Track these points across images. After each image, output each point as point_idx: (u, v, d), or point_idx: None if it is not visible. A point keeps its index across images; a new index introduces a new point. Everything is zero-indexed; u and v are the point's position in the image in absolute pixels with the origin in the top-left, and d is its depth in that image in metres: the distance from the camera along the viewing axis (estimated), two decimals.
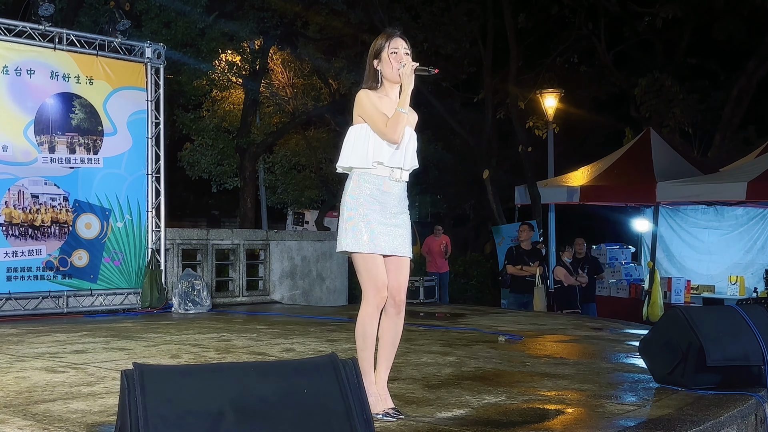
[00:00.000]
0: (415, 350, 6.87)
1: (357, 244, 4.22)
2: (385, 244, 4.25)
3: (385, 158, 4.28)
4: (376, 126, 4.26)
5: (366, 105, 4.30)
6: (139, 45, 11.21)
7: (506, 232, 15.81)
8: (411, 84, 4.29)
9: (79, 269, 10.40)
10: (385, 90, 4.41)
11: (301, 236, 13.84)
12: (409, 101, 4.28)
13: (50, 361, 6.21)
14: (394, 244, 4.29)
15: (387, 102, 4.37)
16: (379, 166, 4.28)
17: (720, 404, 4.68)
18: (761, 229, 15.19)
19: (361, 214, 4.24)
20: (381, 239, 4.24)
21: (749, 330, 5.16)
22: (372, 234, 4.22)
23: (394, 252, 4.29)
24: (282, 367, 2.94)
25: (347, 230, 4.25)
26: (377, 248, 4.23)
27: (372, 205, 4.26)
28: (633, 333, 8.51)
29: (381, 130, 4.25)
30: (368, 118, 4.29)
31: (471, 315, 10.54)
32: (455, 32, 18.46)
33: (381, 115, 4.27)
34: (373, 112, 4.28)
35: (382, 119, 4.25)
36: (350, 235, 4.24)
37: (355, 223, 4.24)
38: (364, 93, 4.33)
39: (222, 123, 19.71)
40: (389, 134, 4.24)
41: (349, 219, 4.26)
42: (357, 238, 4.22)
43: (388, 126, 4.23)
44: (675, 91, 18.33)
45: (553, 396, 4.97)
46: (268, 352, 6.91)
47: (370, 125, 4.29)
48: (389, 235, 4.27)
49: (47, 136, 10.23)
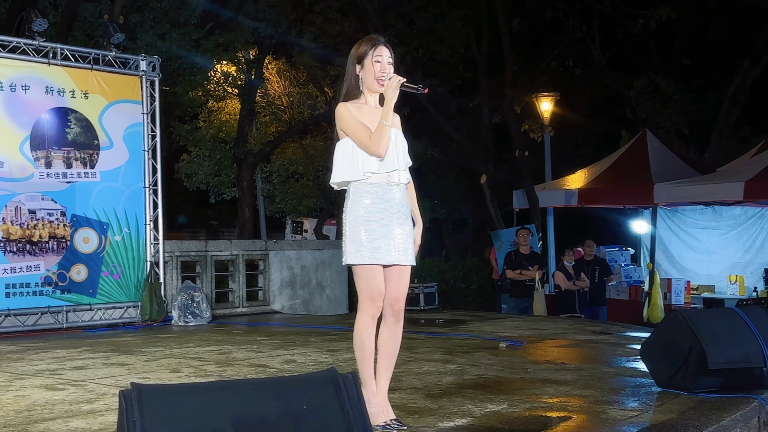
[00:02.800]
0: (416, 359, 6.86)
1: (357, 256, 4.21)
2: (386, 253, 4.23)
3: (376, 166, 4.26)
4: (359, 140, 4.24)
5: (347, 119, 4.28)
6: (133, 58, 11.20)
7: (505, 237, 15.78)
8: (395, 97, 4.27)
9: (78, 284, 10.37)
10: (364, 97, 4.39)
11: (300, 245, 13.82)
12: (392, 113, 4.27)
13: (50, 379, 6.19)
14: (396, 253, 4.26)
15: (367, 110, 4.35)
16: (372, 175, 4.26)
17: (722, 407, 4.67)
18: (760, 228, 15.19)
19: (363, 225, 4.22)
20: (382, 249, 4.22)
21: (750, 332, 5.16)
22: (373, 245, 4.20)
23: (395, 261, 4.28)
24: (281, 383, 2.92)
25: (349, 243, 4.24)
26: (377, 259, 4.21)
27: (373, 215, 4.23)
28: (634, 336, 8.50)
29: (364, 143, 4.23)
30: (350, 132, 4.27)
31: (471, 321, 10.53)
32: (450, 38, 18.48)
33: (363, 128, 4.25)
34: (355, 126, 4.26)
35: (365, 133, 4.23)
36: (352, 247, 4.22)
37: (357, 234, 4.22)
38: (343, 107, 4.32)
39: (219, 133, 19.71)
40: (373, 148, 4.22)
41: (351, 230, 4.24)
42: (358, 249, 4.21)
43: (372, 140, 4.21)
44: (670, 92, 18.36)
45: (556, 403, 4.95)
46: (269, 363, 6.89)
47: (353, 139, 4.27)
48: (391, 243, 4.25)
49: (43, 152, 10.21)
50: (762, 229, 15.23)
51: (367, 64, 4.34)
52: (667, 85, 18.31)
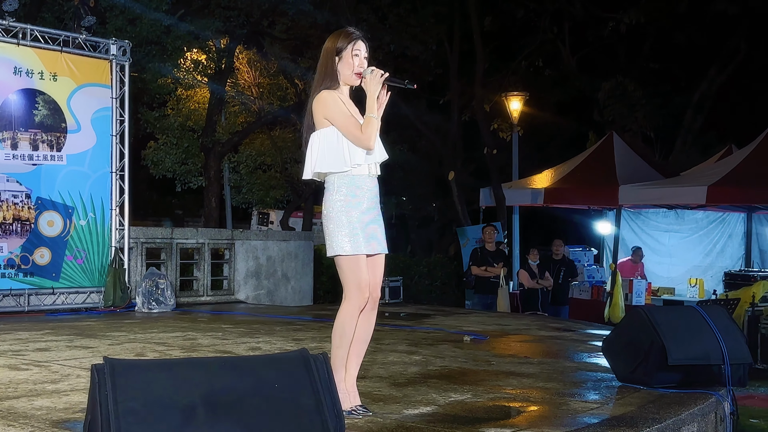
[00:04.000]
0: (382, 349, 6.90)
1: (344, 247, 4.21)
2: (369, 244, 4.27)
3: (363, 158, 4.28)
4: (350, 131, 4.23)
5: (334, 109, 4.26)
6: (104, 42, 11.11)
7: (471, 234, 15.89)
8: (377, 91, 4.29)
9: (41, 267, 10.28)
10: (340, 90, 4.40)
11: (266, 236, 13.80)
12: (376, 106, 4.29)
13: (13, 359, 6.14)
14: (374, 242, 4.30)
15: (346, 102, 4.37)
16: (357, 166, 4.28)
17: (681, 402, 4.76)
18: (720, 232, 15.44)
19: (346, 216, 4.23)
20: (363, 239, 4.25)
21: (710, 330, 5.26)
22: (355, 236, 4.23)
23: (377, 251, 4.32)
24: (253, 361, 2.95)
25: (335, 234, 4.23)
26: (361, 249, 4.24)
27: (355, 206, 4.25)
28: (596, 333, 8.61)
29: (356, 136, 4.22)
30: (340, 123, 4.24)
31: (436, 315, 10.60)
32: (422, 34, 18.52)
33: (353, 119, 4.26)
34: (345, 117, 4.25)
35: (356, 125, 4.24)
36: (339, 238, 4.22)
37: (341, 225, 4.23)
38: (329, 95, 4.28)
39: (187, 122, 19.54)
40: (365, 141, 4.23)
41: (336, 222, 4.24)
42: (344, 240, 4.21)
43: (365, 133, 4.21)
44: (638, 96, 18.59)
45: (518, 394, 5.02)
46: (234, 350, 6.89)
47: (341, 130, 4.25)
48: (369, 233, 4.28)
49: (9, 133, 10.10)
50: (723, 233, 15.48)
51: (345, 58, 4.34)
52: (634, 89, 18.54)
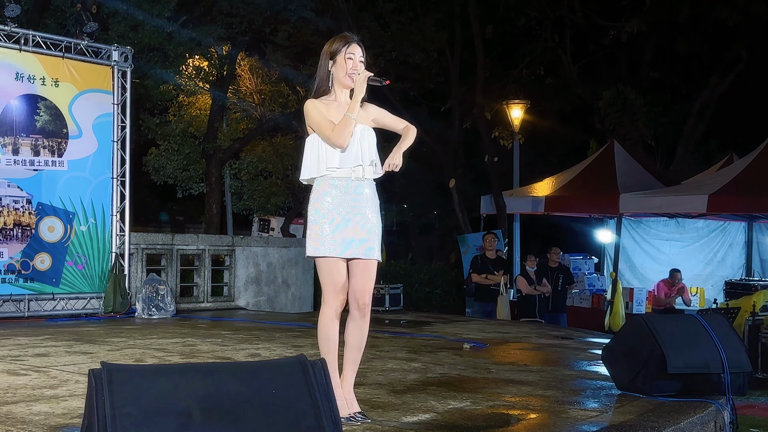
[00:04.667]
0: (381, 356, 6.89)
1: (319, 248, 4.26)
2: (348, 247, 4.27)
3: (337, 162, 4.31)
4: (322, 132, 4.30)
5: (312, 114, 4.33)
6: (105, 48, 11.13)
7: (471, 241, 15.88)
8: (362, 92, 4.34)
9: (42, 273, 10.28)
10: (335, 94, 4.43)
11: (267, 242, 13.79)
12: (358, 107, 4.32)
13: (12, 364, 6.14)
14: (360, 247, 4.30)
15: (336, 107, 4.39)
16: (336, 170, 4.30)
17: (680, 411, 4.75)
18: (721, 241, 15.43)
19: (326, 219, 4.26)
20: (344, 243, 4.26)
21: (709, 338, 5.25)
22: (334, 238, 4.25)
23: (357, 255, 4.31)
24: (250, 367, 2.95)
25: (311, 236, 4.30)
26: (338, 252, 4.25)
27: (336, 209, 4.27)
28: (595, 341, 8.60)
29: (327, 135, 4.28)
30: (315, 126, 4.33)
31: (436, 323, 10.58)
32: (423, 42, 18.56)
33: (327, 121, 4.30)
34: (320, 120, 4.31)
35: (328, 125, 4.29)
36: (314, 239, 4.28)
37: (320, 227, 4.27)
38: (311, 103, 4.36)
39: (188, 128, 19.57)
40: (335, 139, 4.26)
41: (314, 223, 4.30)
42: (319, 242, 4.26)
43: (334, 131, 4.26)
44: (638, 104, 18.61)
45: (517, 401, 5.02)
46: (233, 357, 6.89)
47: (318, 134, 4.33)
48: (355, 237, 4.29)
49: (11, 138, 10.11)
50: (723, 242, 15.48)
51: (339, 60, 4.38)
52: (635, 98, 18.56)
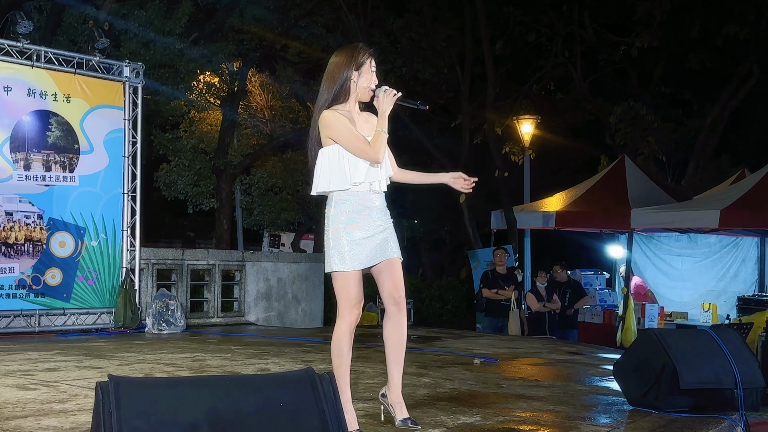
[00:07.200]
0: None
1: (338, 263, 4.24)
2: (367, 256, 4.27)
3: (363, 176, 4.30)
4: (356, 146, 4.25)
5: (338, 126, 4.27)
6: (117, 64, 11.19)
7: (482, 257, 15.84)
8: (389, 109, 4.33)
9: (53, 288, 10.30)
10: (348, 104, 4.41)
11: (277, 258, 13.79)
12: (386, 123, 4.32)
13: (22, 379, 6.14)
14: (379, 251, 4.30)
15: (350, 118, 4.37)
16: (358, 185, 4.29)
17: (693, 427, 4.71)
18: (734, 257, 15.32)
19: (345, 233, 4.25)
20: (363, 254, 4.25)
21: (722, 353, 5.20)
22: (353, 252, 4.24)
23: (377, 260, 4.31)
24: (258, 380, 2.93)
25: (332, 250, 4.26)
26: (357, 265, 4.24)
27: (354, 223, 4.27)
28: (607, 357, 8.54)
29: (364, 150, 4.24)
30: (344, 139, 4.26)
31: (446, 338, 10.54)
32: (433, 58, 18.61)
33: (359, 135, 4.28)
34: (350, 133, 4.27)
35: (362, 139, 4.27)
36: (334, 255, 4.25)
37: (339, 242, 4.25)
38: (332, 114, 4.29)
39: (199, 144, 19.64)
40: (374, 155, 4.26)
41: (334, 239, 4.26)
42: (339, 257, 4.24)
43: (374, 147, 4.25)
44: (649, 120, 18.57)
45: (528, 417, 4.98)
46: (243, 371, 6.87)
47: (347, 147, 4.27)
48: (372, 245, 4.28)
49: (23, 154, 10.16)
50: (736, 258, 15.36)
51: (365, 72, 4.38)
52: (646, 113, 18.51)
